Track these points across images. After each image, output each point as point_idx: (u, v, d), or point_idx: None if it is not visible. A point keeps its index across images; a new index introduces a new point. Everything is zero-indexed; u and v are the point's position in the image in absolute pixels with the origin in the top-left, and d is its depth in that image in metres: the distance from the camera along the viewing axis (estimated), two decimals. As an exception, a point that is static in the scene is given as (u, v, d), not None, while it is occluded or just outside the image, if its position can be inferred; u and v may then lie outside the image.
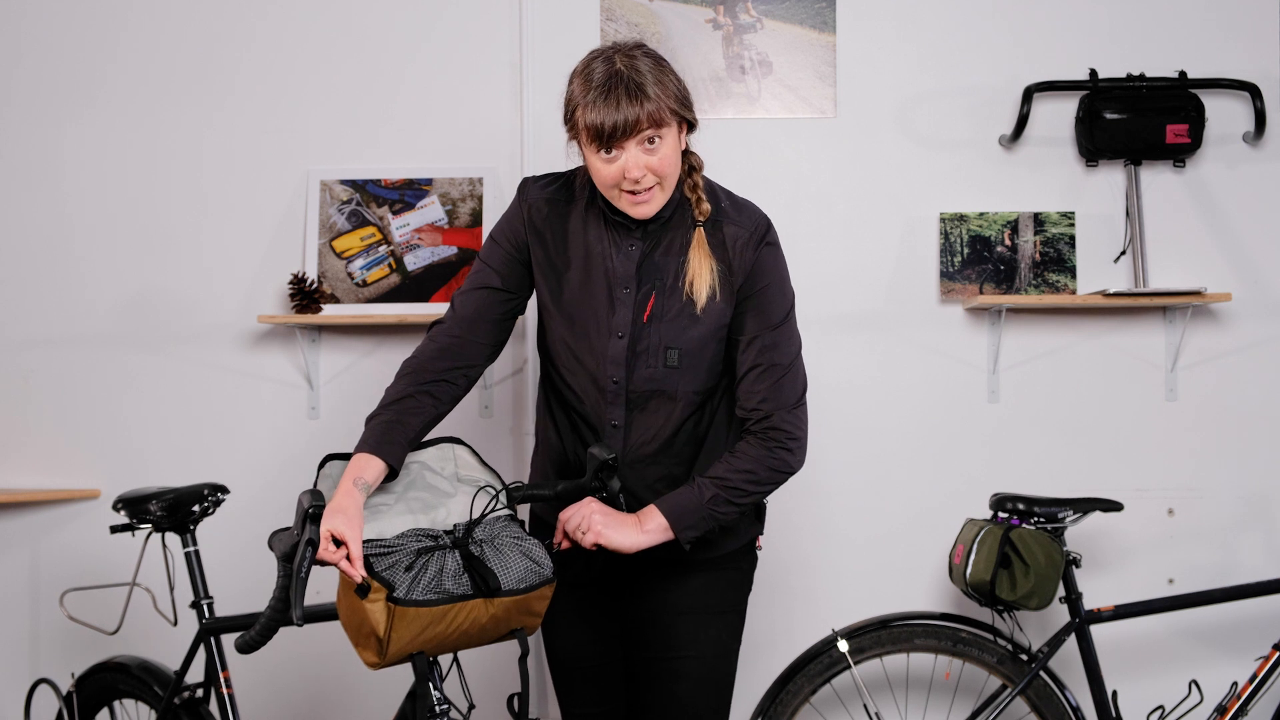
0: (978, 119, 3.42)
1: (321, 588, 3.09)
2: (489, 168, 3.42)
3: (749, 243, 2.29)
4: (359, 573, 2.01)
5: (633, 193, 2.22)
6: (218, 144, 3.47)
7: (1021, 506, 2.99)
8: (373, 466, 2.14)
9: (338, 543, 2.03)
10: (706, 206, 2.28)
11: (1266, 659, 3.03)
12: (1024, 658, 3.02)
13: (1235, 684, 3.04)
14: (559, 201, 2.36)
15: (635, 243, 2.30)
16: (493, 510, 2.16)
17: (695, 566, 2.35)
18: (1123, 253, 3.38)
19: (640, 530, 2.23)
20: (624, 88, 2.15)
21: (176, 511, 2.81)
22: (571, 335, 2.32)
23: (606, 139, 2.16)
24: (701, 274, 2.26)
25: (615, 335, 2.28)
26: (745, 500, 2.27)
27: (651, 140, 2.18)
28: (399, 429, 2.21)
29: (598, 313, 2.30)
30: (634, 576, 2.37)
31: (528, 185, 2.39)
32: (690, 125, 2.28)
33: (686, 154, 2.30)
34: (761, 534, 2.46)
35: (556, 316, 2.34)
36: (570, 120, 2.23)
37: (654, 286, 2.28)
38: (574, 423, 2.37)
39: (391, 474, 2.17)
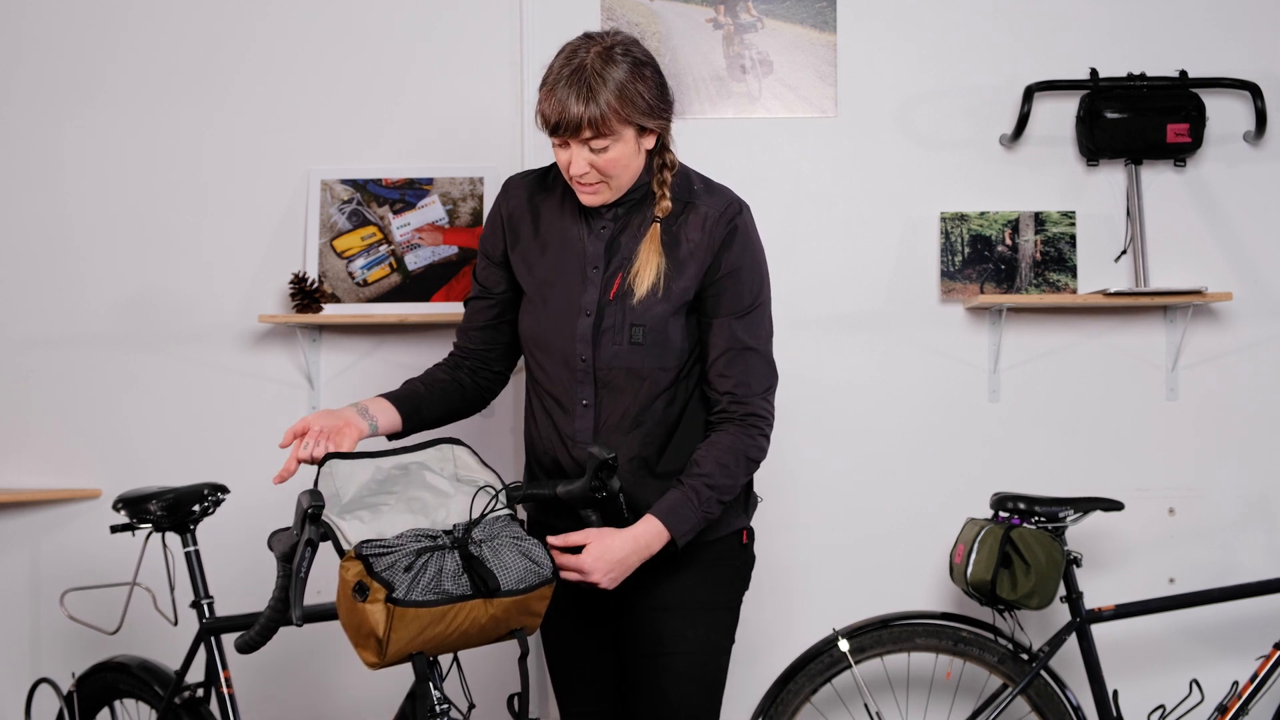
0: (978, 118, 3.42)
1: (322, 588, 3.07)
2: (489, 167, 3.42)
3: (719, 220, 2.33)
4: (289, 466, 2.19)
5: (580, 183, 2.29)
6: (218, 144, 3.47)
7: (1022, 506, 2.99)
8: (377, 401, 2.34)
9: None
10: (668, 205, 2.33)
11: (1267, 658, 3.03)
12: (1025, 657, 3.02)
13: (1236, 683, 3.04)
14: (538, 191, 2.44)
15: (607, 224, 2.35)
16: (492, 510, 2.16)
17: (686, 563, 2.35)
18: (1123, 252, 3.38)
19: (642, 550, 2.26)
20: (578, 87, 2.20)
21: (177, 511, 2.81)
22: (544, 315, 2.37)
23: (551, 130, 2.24)
24: (647, 268, 2.31)
25: (584, 313, 2.33)
26: (729, 497, 2.32)
27: (597, 144, 2.23)
28: (409, 386, 2.44)
29: (569, 292, 2.35)
30: (632, 573, 2.37)
31: (511, 180, 2.49)
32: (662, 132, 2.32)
33: (663, 150, 2.35)
34: (748, 526, 2.46)
35: (533, 299, 2.39)
36: (539, 96, 2.30)
37: (621, 266, 2.33)
38: (547, 407, 2.39)
39: (405, 419, 2.37)
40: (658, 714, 2.36)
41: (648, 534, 2.26)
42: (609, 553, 2.23)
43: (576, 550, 2.25)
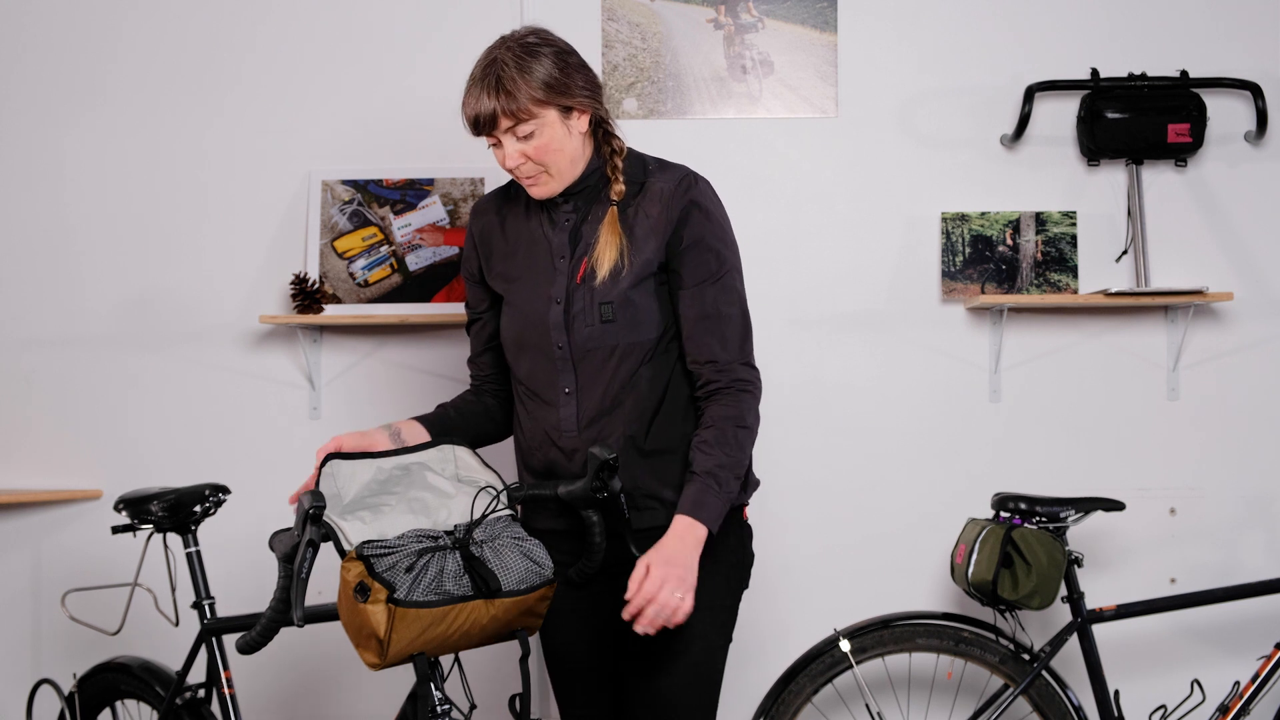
0: (979, 118, 3.42)
1: (323, 588, 3.09)
2: (490, 168, 3.41)
3: (675, 192, 2.36)
4: (309, 483, 2.16)
5: (521, 176, 2.34)
6: (219, 144, 3.47)
7: (1023, 506, 2.99)
8: (409, 423, 2.39)
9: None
10: (621, 188, 2.37)
11: (1268, 658, 3.03)
12: (1026, 657, 3.02)
13: (1237, 683, 3.04)
14: (504, 204, 2.50)
15: (569, 216, 2.40)
16: (493, 511, 2.16)
17: None
18: (1124, 252, 3.38)
19: (687, 542, 2.25)
20: (487, 81, 2.28)
21: (178, 512, 2.81)
22: (519, 312, 2.41)
23: (474, 131, 2.31)
24: (607, 250, 2.34)
25: (554, 302, 2.36)
26: (742, 470, 2.33)
27: (521, 130, 2.28)
28: (440, 409, 2.49)
29: (539, 285, 2.38)
30: (625, 570, 2.37)
31: (477, 203, 2.55)
32: (595, 113, 2.37)
33: (609, 136, 2.40)
34: (747, 504, 2.46)
35: (509, 301, 2.43)
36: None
37: (585, 252, 2.37)
38: (530, 407, 2.41)
39: (430, 433, 2.38)
40: (653, 713, 2.36)
41: (680, 528, 2.25)
42: (658, 556, 2.21)
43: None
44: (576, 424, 2.35)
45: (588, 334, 2.34)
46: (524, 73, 2.26)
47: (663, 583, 2.19)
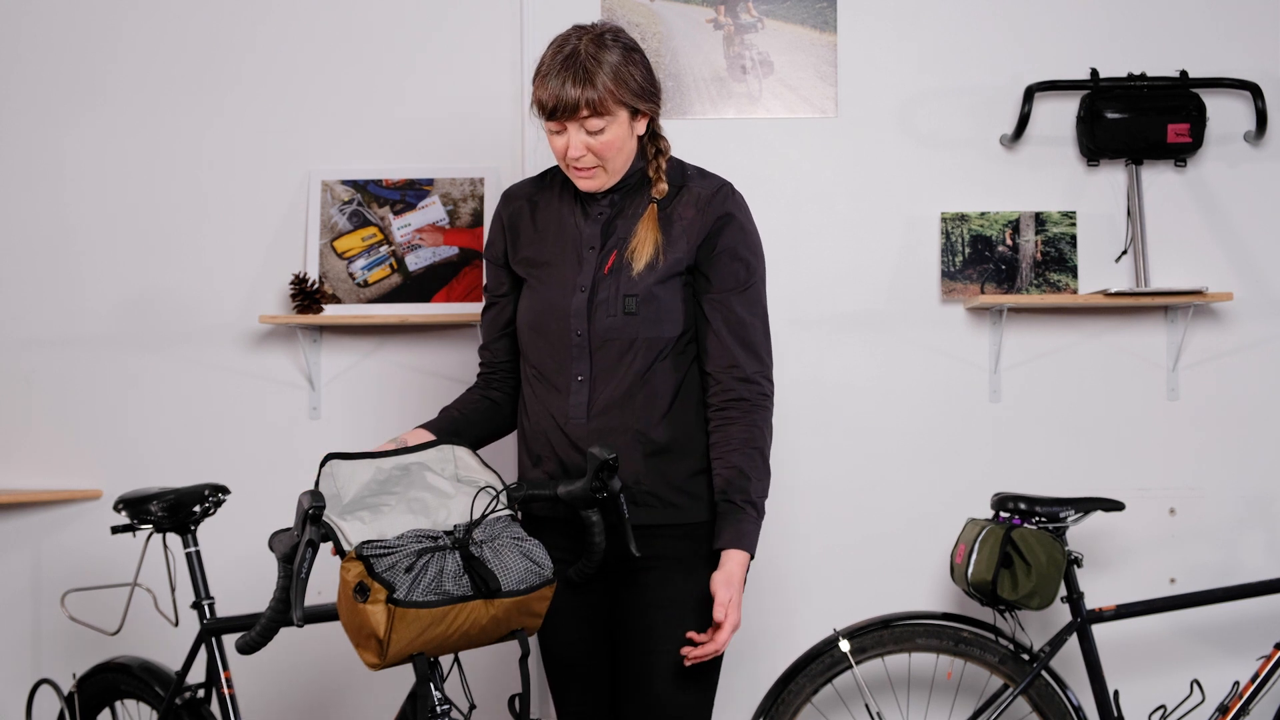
0: (979, 118, 3.42)
1: (322, 588, 3.09)
2: (490, 168, 3.42)
3: (713, 199, 2.41)
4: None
5: (577, 168, 2.36)
6: (219, 144, 3.47)
7: (1023, 506, 2.99)
8: (416, 432, 2.39)
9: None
10: (664, 187, 2.41)
11: (1268, 658, 3.03)
12: (1025, 657, 3.02)
13: (1237, 683, 3.04)
14: (535, 191, 2.52)
15: (603, 210, 2.43)
16: (493, 511, 2.16)
17: (681, 561, 2.35)
18: (1124, 252, 3.38)
19: (739, 571, 2.31)
20: (574, 70, 2.29)
21: (177, 512, 2.81)
22: (540, 297, 2.42)
23: (548, 115, 2.31)
24: (645, 245, 2.38)
25: (579, 290, 2.38)
26: (768, 475, 2.38)
27: (593, 125, 2.30)
28: (445, 413, 2.49)
29: (565, 273, 2.41)
30: (625, 571, 2.38)
31: (508, 189, 2.57)
32: (653, 116, 2.41)
33: (656, 137, 2.44)
34: None
35: (531, 284, 2.45)
36: (533, 87, 2.37)
37: (616, 245, 2.39)
38: (538, 392, 2.42)
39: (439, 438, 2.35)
40: (648, 712, 2.36)
41: (737, 561, 2.31)
42: (732, 602, 2.29)
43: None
44: (586, 412, 2.36)
45: (609, 324, 2.36)
46: (610, 69, 2.30)
47: (731, 634, 2.29)
